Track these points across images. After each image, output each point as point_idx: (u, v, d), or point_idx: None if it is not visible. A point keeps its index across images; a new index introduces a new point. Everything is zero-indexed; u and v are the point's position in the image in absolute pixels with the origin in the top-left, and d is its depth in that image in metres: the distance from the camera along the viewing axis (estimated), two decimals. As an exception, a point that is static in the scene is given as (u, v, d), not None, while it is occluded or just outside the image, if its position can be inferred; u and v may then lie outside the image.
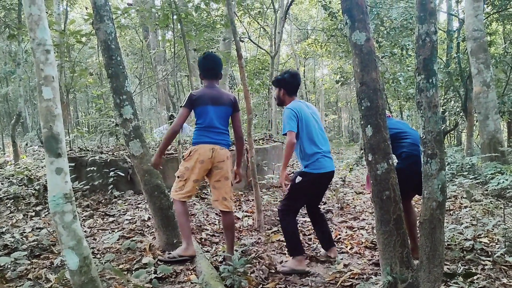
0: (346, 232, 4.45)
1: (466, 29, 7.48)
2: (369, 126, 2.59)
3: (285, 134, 3.43)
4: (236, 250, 3.35)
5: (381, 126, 2.57)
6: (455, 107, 12.04)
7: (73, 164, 5.51)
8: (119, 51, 3.52)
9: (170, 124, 7.08)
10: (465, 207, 5.06)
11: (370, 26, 2.63)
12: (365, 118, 2.61)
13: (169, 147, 6.24)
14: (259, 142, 7.28)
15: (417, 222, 3.07)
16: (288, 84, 3.65)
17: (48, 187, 2.08)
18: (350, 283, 3.07)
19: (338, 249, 3.88)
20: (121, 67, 3.49)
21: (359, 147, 13.96)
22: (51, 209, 2.05)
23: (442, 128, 11.74)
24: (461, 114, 11.61)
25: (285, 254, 3.70)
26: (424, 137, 2.46)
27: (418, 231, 2.92)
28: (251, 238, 4.03)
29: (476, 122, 9.82)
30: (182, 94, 15.07)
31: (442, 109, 11.87)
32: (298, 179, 3.45)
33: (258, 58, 14.10)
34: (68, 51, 7.89)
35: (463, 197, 5.55)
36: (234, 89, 16.67)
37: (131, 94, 3.57)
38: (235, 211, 5.06)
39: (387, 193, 2.57)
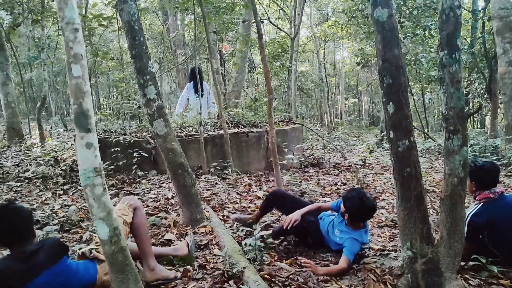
0: (366, 211, 4.48)
1: (492, 7, 7.29)
2: (390, 103, 2.58)
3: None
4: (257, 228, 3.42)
5: (403, 103, 2.57)
6: (479, 89, 11.76)
7: (98, 145, 5.64)
8: (142, 32, 3.58)
9: (196, 92, 7.16)
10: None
11: (392, 2, 2.61)
12: (387, 95, 2.61)
13: (191, 128, 6.35)
14: (279, 124, 7.31)
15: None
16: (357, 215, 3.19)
17: (78, 161, 2.17)
18: (371, 259, 3.11)
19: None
20: (144, 47, 3.55)
21: (379, 131, 13.82)
22: (82, 182, 2.14)
23: (465, 110, 11.52)
24: (485, 96, 11.35)
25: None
26: (446, 113, 2.45)
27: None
28: (272, 216, 4.10)
29: (501, 104, 9.60)
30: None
31: (466, 91, 11.61)
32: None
33: (278, 41, 14.00)
34: (90, 35, 8.00)
35: (486, 179, 5.48)
36: (253, 72, 16.64)
37: (154, 74, 3.63)
38: (256, 191, 5.14)
39: (408, 170, 2.58)
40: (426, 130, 12.41)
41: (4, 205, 2.31)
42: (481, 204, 2.91)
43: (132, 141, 5.76)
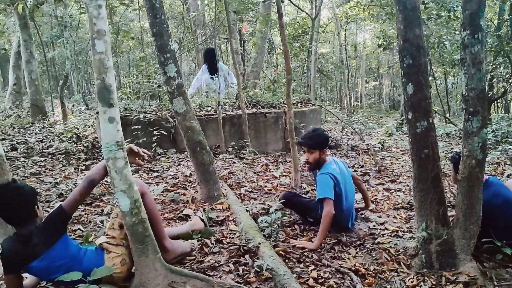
0: (382, 193, 4.49)
1: (521, -12, 7.03)
2: (410, 84, 2.58)
3: (321, 200, 3.13)
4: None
5: (423, 84, 2.56)
6: (504, 73, 11.44)
7: (120, 120, 5.74)
8: (163, 10, 3.60)
9: (210, 73, 7.18)
10: (509, 175, 4.94)
11: (415, -19, 2.56)
12: (407, 76, 2.60)
13: (209, 108, 6.39)
14: (297, 105, 7.29)
15: None
16: (326, 143, 3.43)
17: (101, 135, 2.24)
18: (385, 239, 3.14)
19: (374, 209, 3.94)
20: (165, 25, 3.58)
21: (399, 114, 13.63)
22: (104, 155, 2.21)
23: (490, 95, 11.23)
24: (510, 81, 11.05)
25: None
26: (466, 94, 2.43)
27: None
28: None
29: (527, 89, 9.34)
30: (221, 59, 15.09)
31: (491, 75, 11.31)
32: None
33: (298, 22, 13.82)
34: (111, 14, 8.06)
35: (507, 164, 5.41)
36: (273, 54, 16.51)
37: (174, 52, 3.66)
38: (273, 171, 5.19)
39: (426, 152, 2.58)
40: (447, 115, 12.19)
41: (5, 184, 2.24)
42: None
43: (152, 120, 5.84)
